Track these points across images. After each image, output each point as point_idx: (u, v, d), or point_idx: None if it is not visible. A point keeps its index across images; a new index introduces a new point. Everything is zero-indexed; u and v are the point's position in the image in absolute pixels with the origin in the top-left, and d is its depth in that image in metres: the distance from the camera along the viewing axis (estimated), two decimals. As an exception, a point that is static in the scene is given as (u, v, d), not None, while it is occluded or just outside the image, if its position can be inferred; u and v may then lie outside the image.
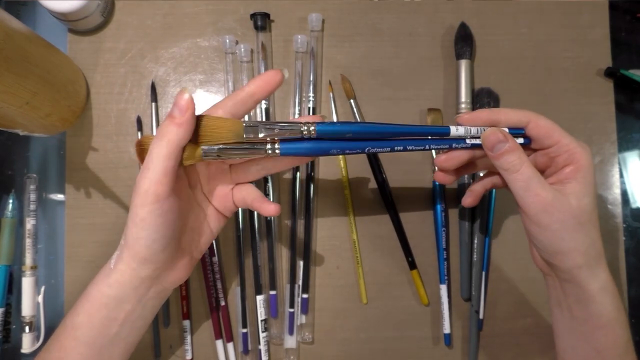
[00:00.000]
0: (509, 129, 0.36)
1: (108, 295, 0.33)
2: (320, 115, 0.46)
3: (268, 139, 0.34)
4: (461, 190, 0.48)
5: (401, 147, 0.36)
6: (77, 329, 0.34)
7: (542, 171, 0.36)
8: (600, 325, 0.35)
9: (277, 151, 0.34)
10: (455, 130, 0.36)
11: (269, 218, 0.47)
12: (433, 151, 0.48)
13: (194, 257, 0.37)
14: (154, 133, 0.47)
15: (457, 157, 0.38)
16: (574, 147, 0.35)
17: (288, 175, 0.48)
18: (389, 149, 0.36)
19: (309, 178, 0.47)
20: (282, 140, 0.34)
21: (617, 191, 0.50)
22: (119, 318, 0.34)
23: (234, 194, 0.38)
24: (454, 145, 0.37)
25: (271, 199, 0.47)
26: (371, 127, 0.36)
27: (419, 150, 0.37)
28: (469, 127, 0.36)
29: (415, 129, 0.37)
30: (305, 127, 0.34)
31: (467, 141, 0.37)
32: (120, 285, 0.33)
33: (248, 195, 0.37)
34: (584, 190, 0.34)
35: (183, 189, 0.35)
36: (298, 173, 0.47)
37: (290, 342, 0.46)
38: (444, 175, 0.39)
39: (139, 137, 0.46)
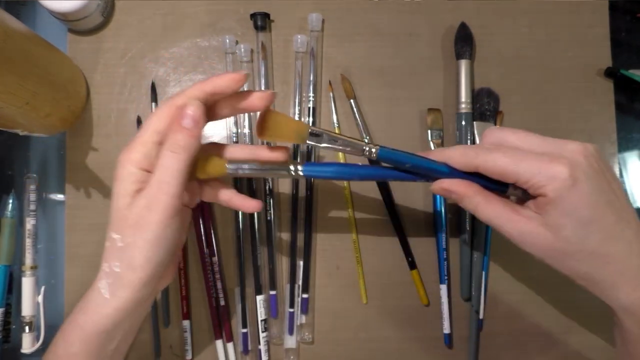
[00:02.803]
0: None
1: (105, 324, 0.32)
2: (271, 91, 0.37)
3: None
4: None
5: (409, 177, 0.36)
6: (72, 358, 0.32)
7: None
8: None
9: (299, 172, 0.35)
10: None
11: (269, 217, 0.47)
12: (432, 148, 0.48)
13: (177, 258, 0.38)
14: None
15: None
16: (537, 181, 0.30)
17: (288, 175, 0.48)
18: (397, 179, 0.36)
19: (309, 178, 0.47)
20: (306, 162, 0.35)
21: (617, 191, 0.50)
22: (117, 337, 0.33)
23: (204, 191, 0.37)
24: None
25: (271, 200, 0.47)
26: (426, 163, 0.34)
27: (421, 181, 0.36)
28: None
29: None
30: (367, 148, 0.34)
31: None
32: (120, 312, 0.32)
33: (222, 195, 0.37)
34: (560, 222, 0.31)
35: None
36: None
37: (290, 342, 0.46)
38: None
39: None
